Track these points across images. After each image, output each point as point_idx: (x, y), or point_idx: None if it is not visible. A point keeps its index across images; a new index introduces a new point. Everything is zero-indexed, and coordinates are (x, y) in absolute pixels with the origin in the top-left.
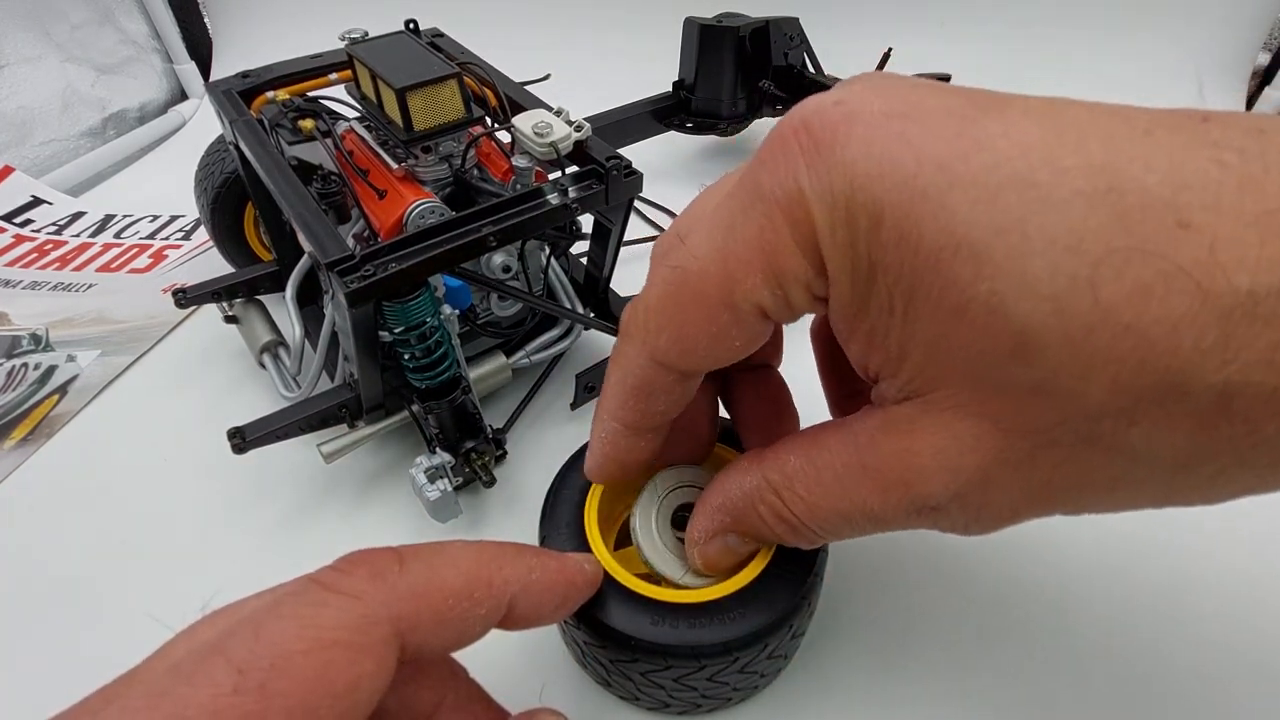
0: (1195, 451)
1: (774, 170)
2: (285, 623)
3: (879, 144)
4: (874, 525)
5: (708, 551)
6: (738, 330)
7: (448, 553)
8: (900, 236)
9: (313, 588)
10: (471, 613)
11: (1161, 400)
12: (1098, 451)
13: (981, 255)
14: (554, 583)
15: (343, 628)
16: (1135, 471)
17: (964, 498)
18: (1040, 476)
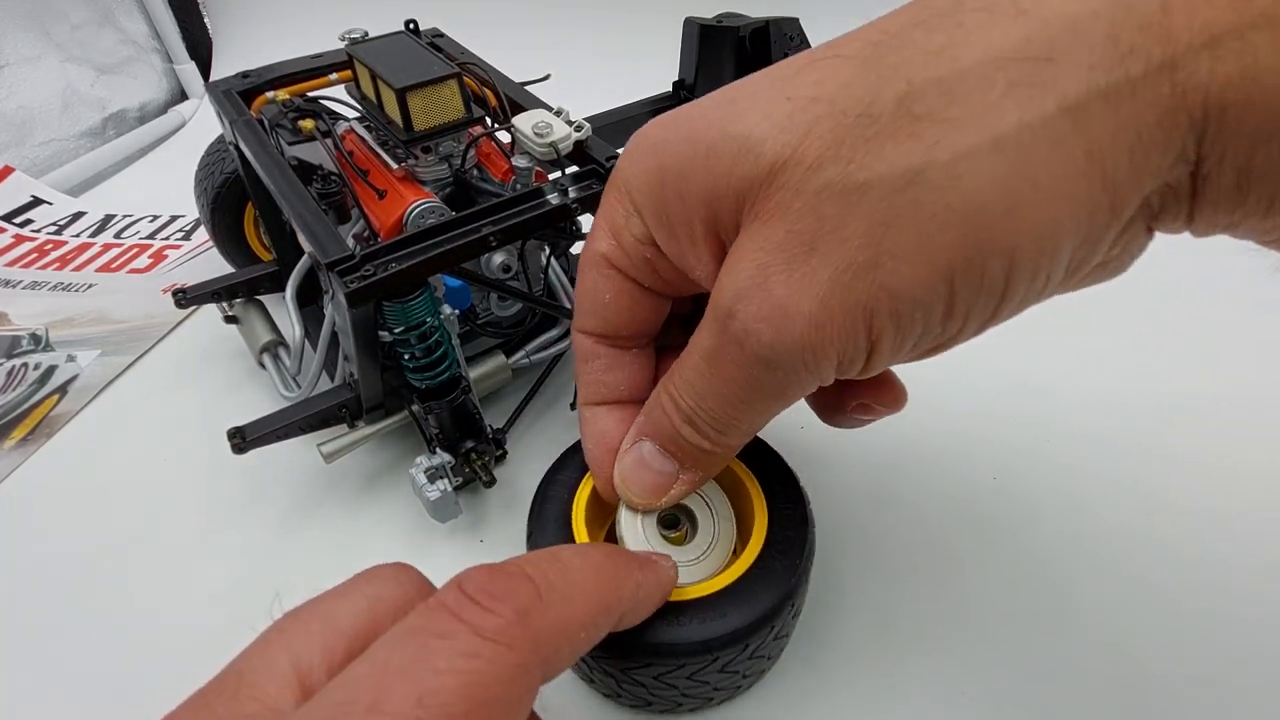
0: (909, 158)
1: (616, 170)
2: (444, 679)
3: (650, 130)
4: (808, 373)
5: (623, 461)
6: (603, 283)
7: (575, 579)
8: (659, 168)
9: (462, 632)
10: (590, 641)
11: (856, 130)
12: (834, 200)
13: (709, 118)
14: (652, 594)
15: (500, 683)
16: (869, 204)
17: (746, 295)
18: (802, 245)
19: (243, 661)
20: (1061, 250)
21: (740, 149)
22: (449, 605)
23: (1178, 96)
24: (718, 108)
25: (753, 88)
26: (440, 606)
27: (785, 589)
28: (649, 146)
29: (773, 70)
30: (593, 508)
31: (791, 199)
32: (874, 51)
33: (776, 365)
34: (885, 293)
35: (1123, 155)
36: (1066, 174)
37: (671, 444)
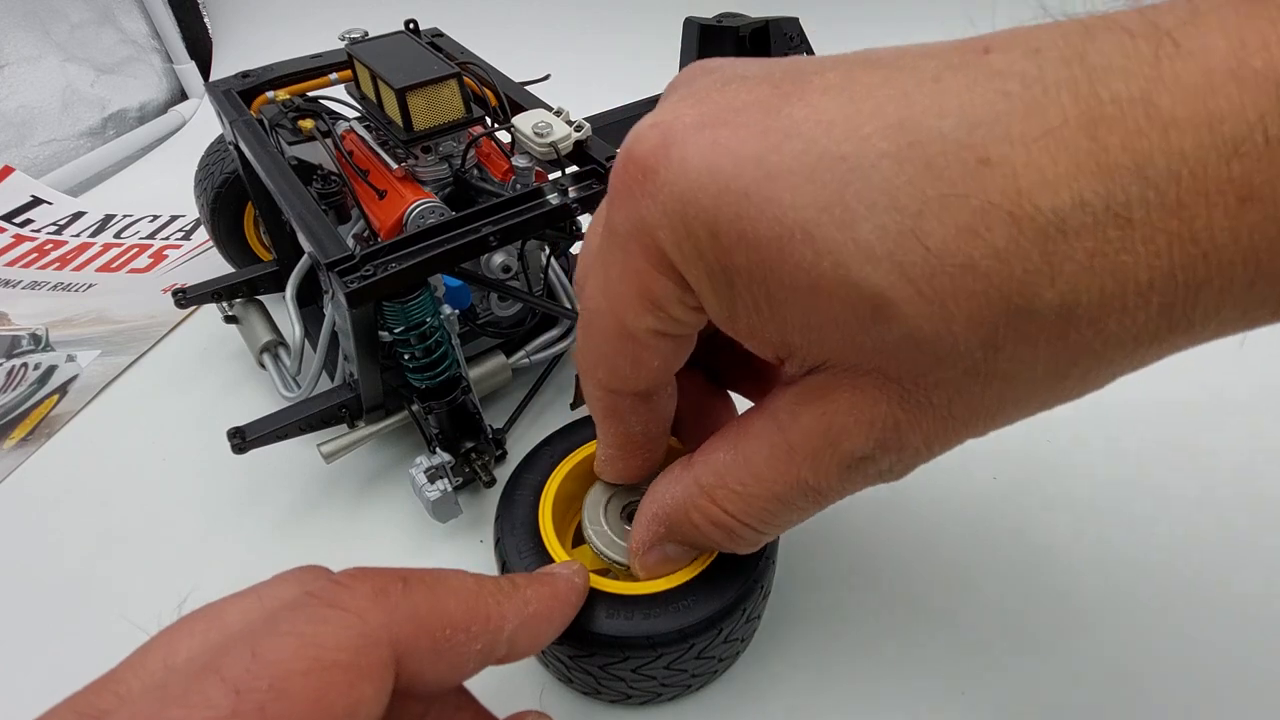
0: (1058, 360)
1: (619, 208)
2: (284, 640)
3: (695, 157)
4: (812, 498)
5: (647, 562)
6: (648, 353)
7: (450, 581)
8: (739, 237)
9: (312, 602)
10: (467, 646)
11: (1014, 324)
12: (978, 381)
13: (815, 234)
14: (550, 610)
15: (343, 648)
16: (1015, 390)
17: (885, 444)
18: (940, 413)
19: (120, 664)
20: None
21: (866, 305)
22: (313, 588)
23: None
24: (810, 182)
25: (867, 174)
26: (307, 592)
27: (754, 572)
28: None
29: (883, 143)
30: (559, 509)
31: (930, 378)
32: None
33: (870, 466)
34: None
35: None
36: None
37: (698, 546)
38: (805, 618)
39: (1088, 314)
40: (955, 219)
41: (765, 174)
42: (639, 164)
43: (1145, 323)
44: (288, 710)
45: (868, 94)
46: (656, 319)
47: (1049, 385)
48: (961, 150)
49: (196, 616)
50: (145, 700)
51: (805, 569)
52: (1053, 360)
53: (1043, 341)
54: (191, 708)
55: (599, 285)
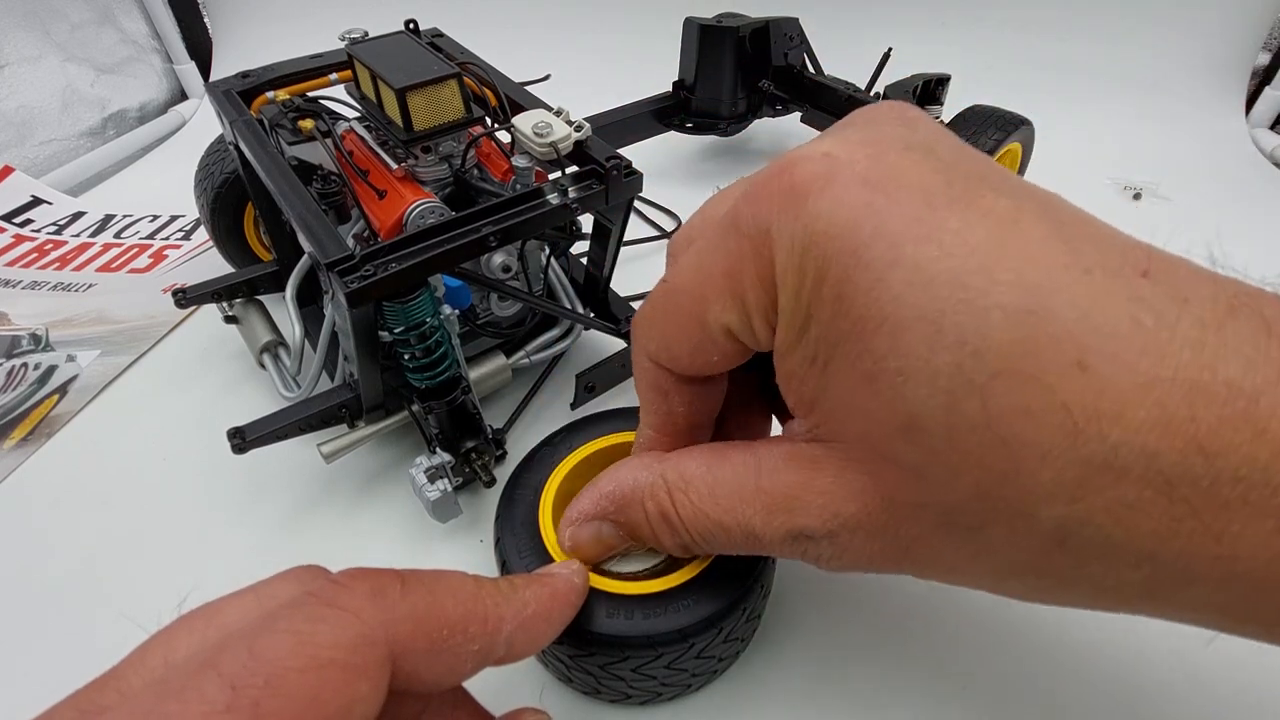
0: (1029, 566)
1: (753, 206)
2: (281, 637)
3: (845, 208)
4: (749, 542)
5: (579, 534)
6: (712, 347)
7: (447, 581)
8: (837, 296)
9: (310, 601)
10: (464, 647)
11: (1011, 515)
12: (950, 540)
13: (900, 334)
14: (549, 610)
15: (340, 646)
16: (976, 565)
17: (835, 537)
18: (901, 543)
19: (122, 661)
20: None
21: (902, 419)
22: (312, 588)
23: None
24: (924, 290)
25: (975, 314)
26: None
27: (754, 572)
28: (822, 237)
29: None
30: (559, 507)
31: (909, 510)
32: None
33: (811, 547)
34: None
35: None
36: None
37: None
38: (805, 618)
39: (1081, 547)
40: (1024, 399)
41: (891, 259)
42: (795, 183)
43: (1125, 583)
44: (282, 706)
45: (1021, 244)
46: (736, 320)
47: (1004, 578)
48: (1068, 345)
49: (196, 615)
50: (144, 696)
51: (805, 568)
52: (1024, 563)
53: (1026, 544)
54: (188, 703)
55: (695, 264)
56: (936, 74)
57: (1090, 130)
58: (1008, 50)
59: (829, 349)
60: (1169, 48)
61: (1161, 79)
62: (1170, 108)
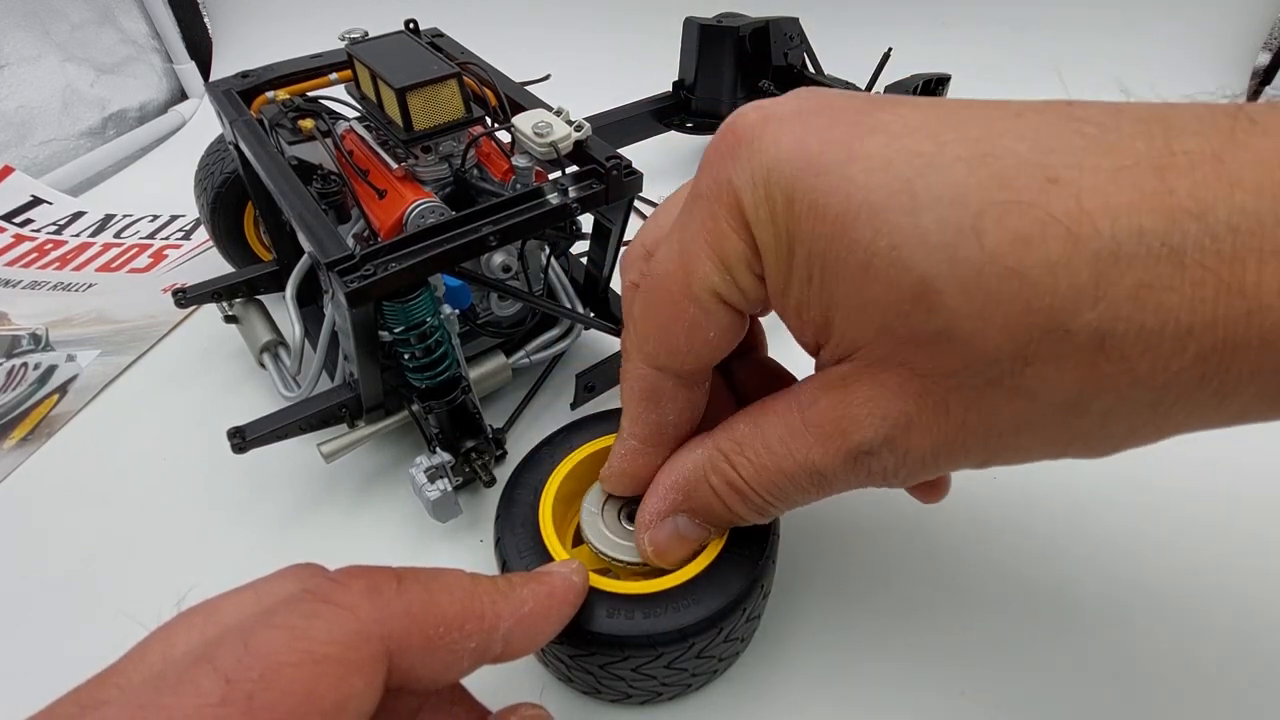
0: (1083, 390)
1: (709, 172)
2: (276, 633)
3: (789, 133)
4: (818, 482)
5: (658, 537)
6: (707, 320)
7: (444, 579)
8: (810, 207)
9: (306, 598)
10: (461, 644)
11: (1048, 339)
12: (1000, 393)
13: (878, 215)
14: (547, 609)
15: (334, 642)
16: (1034, 412)
17: (893, 441)
18: (955, 419)
19: (122, 658)
20: None
21: (911, 290)
22: (309, 585)
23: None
24: (884, 170)
25: (939, 171)
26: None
27: (754, 572)
28: (777, 166)
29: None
30: (559, 509)
31: (953, 380)
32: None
33: (875, 462)
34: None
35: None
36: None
37: (711, 516)
38: (805, 618)
39: (1121, 345)
40: (1014, 225)
41: (846, 155)
42: (737, 135)
43: (1176, 373)
44: (276, 700)
45: (953, 114)
46: (722, 280)
47: (1066, 418)
48: (1032, 167)
49: (195, 611)
50: (142, 690)
51: (805, 569)
52: (1077, 388)
53: (1071, 365)
54: (184, 696)
55: (672, 248)
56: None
57: None
58: (1007, 50)
59: (820, 260)
60: (1169, 48)
61: (1161, 79)
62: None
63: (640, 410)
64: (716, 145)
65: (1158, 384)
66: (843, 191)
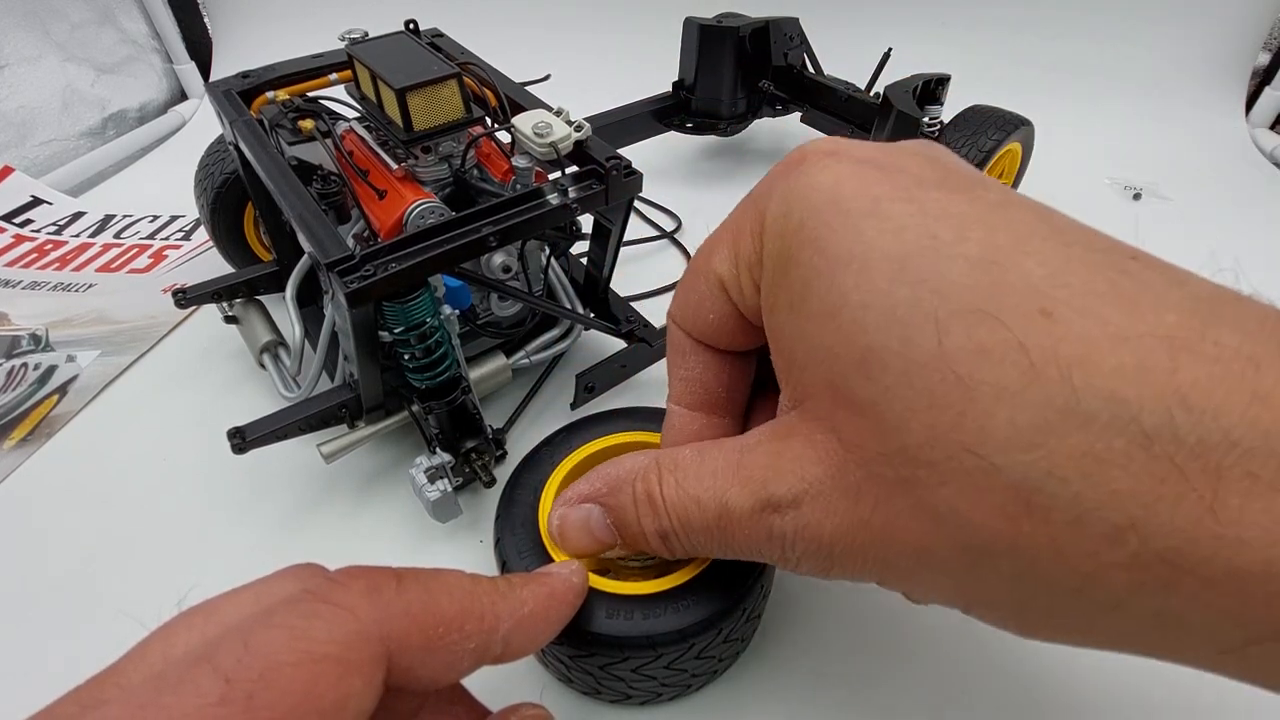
0: (995, 539)
1: (767, 178)
2: (275, 632)
3: (836, 173)
4: (723, 525)
5: (569, 516)
6: (710, 301)
7: (444, 580)
8: (814, 238)
9: (306, 598)
10: (460, 645)
11: (970, 465)
12: (911, 502)
13: (865, 272)
14: (546, 610)
15: (334, 642)
16: (938, 542)
17: (798, 504)
18: (861, 513)
19: (122, 657)
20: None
21: (859, 349)
22: (309, 585)
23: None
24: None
25: (939, 257)
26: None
27: (754, 572)
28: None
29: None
30: None
31: (875, 463)
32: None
33: (778, 519)
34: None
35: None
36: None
37: (625, 532)
38: (805, 618)
39: (1048, 506)
40: (980, 338)
41: (869, 210)
42: (802, 155)
43: (1107, 567)
44: (276, 699)
45: (1001, 220)
46: (728, 270)
47: (971, 566)
48: (1032, 294)
49: (195, 611)
50: (142, 690)
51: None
52: (988, 535)
53: (987, 504)
54: (184, 695)
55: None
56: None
57: (1090, 130)
58: (1008, 50)
59: (804, 288)
60: (1169, 48)
61: (1161, 79)
62: (1170, 108)
63: (672, 359)
64: (786, 159)
65: (1083, 569)
66: (848, 238)
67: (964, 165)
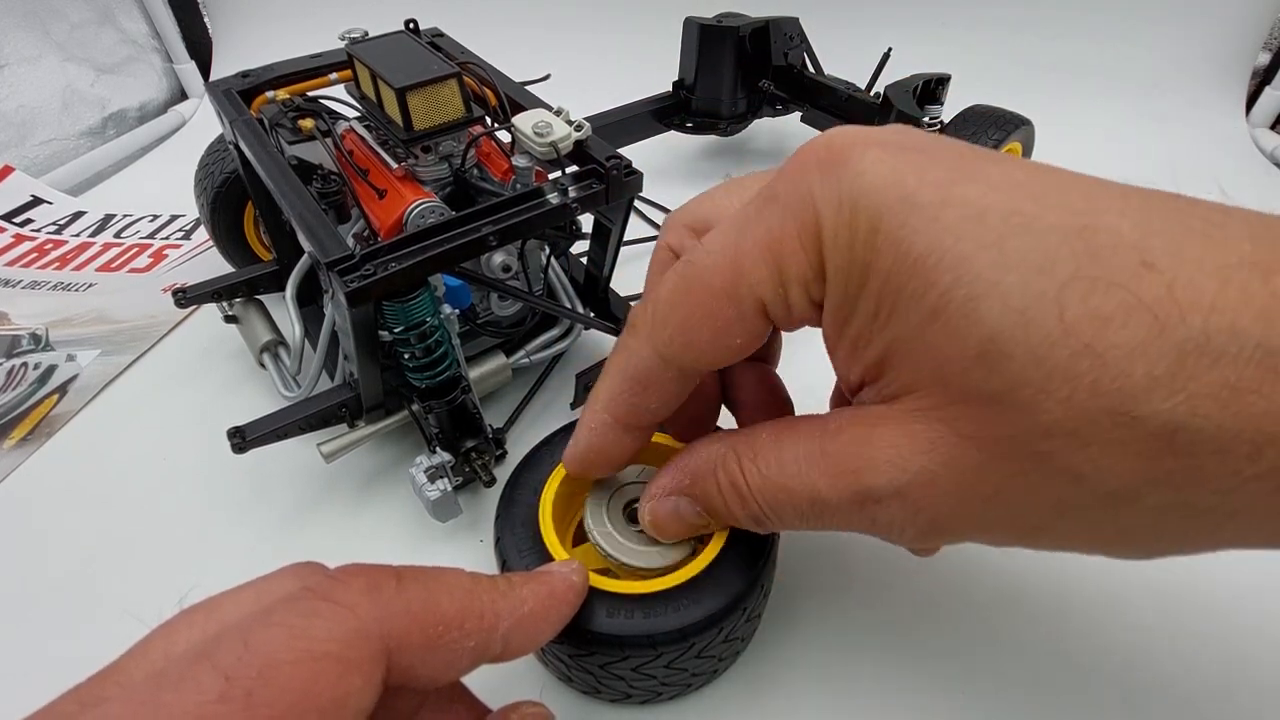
0: (1140, 481)
1: (791, 179)
2: (275, 630)
3: (888, 163)
4: (818, 512)
5: (658, 509)
6: (740, 326)
7: (444, 578)
8: (894, 241)
9: (306, 596)
10: (460, 643)
11: (1112, 424)
12: (1046, 471)
13: (962, 264)
14: (546, 609)
15: (333, 640)
16: (1080, 498)
17: (904, 494)
18: (986, 489)
19: (123, 655)
20: None
21: (977, 343)
22: (309, 583)
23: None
24: (978, 221)
25: (1033, 234)
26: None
27: (754, 572)
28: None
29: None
30: (559, 509)
31: (996, 448)
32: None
33: (881, 511)
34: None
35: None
36: None
37: (710, 508)
38: (805, 618)
39: (1192, 442)
40: (1099, 303)
41: (941, 198)
42: (833, 150)
43: (1247, 479)
44: (275, 697)
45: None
46: (773, 293)
47: (1114, 509)
48: (1129, 248)
49: (196, 610)
50: (143, 687)
51: (805, 569)
52: (1134, 478)
53: (1132, 453)
54: (184, 693)
55: (726, 240)
56: (936, 74)
57: (1090, 130)
58: (1008, 50)
59: (893, 295)
60: (1169, 48)
61: (1161, 79)
62: (1170, 108)
63: (624, 389)
64: (806, 155)
65: (1224, 487)
66: (931, 232)
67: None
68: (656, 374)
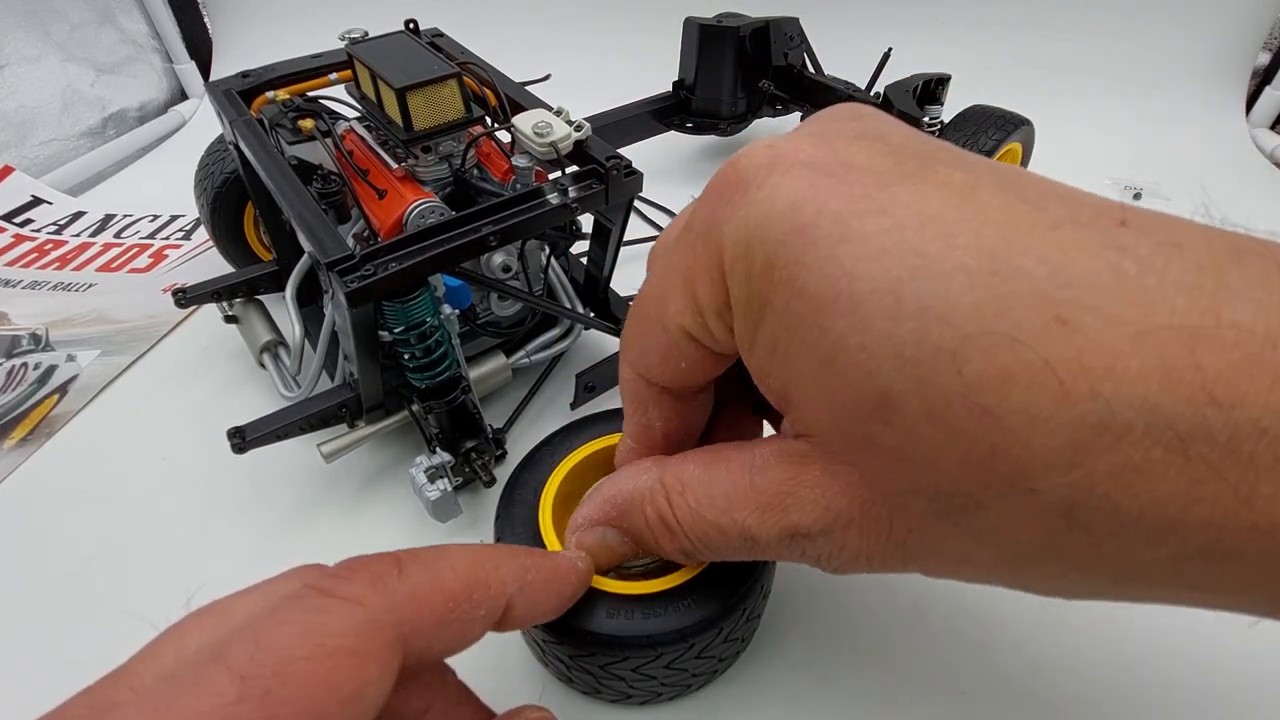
0: (1039, 550)
1: (704, 206)
2: (287, 629)
3: (788, 192)
4: (749, 546)
5: (585, 539)
6: (678, 353)
7: (446, 556)
8: (788, 279)
9: (312, 594)
10: (471, 614)
11: (1008, 491)
12: (947, 527)
13: (856, 309)
14: (549, 581)
15: (346, 634)
16: (982, 553)
17: (830, 534)
18: (896, 537)
19: (133, 658)
20: None
21: (870, 398)
22: (312, 581)
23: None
24: (877, 261)
25: (935, 279)
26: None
27: (754, 572)
28: (766, 223)
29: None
30: (559, 508)
31: (899, 500)
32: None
33: (809, 546)
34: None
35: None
36: None
37: (638, 541)
38: (805, 618)
39: (1090, 520)
40: (1002, 362)
41: (840, 234)
42: (739, 175)
43: (1149, 563)
44: (292, 693)
45: (978, 211)
46: (691, 320)
47: (1016, 566)
48: (1042, 300)
49: (204, 612)
50: (157, 691)
51: (805, 570)
52: (1032, 547)
53: (1030, 524)
54: (200, 696)
55: (658, 270)
56: (936, 74)
57: (1090, 130)
58: (1008, 50)
59: (787, 335)
60: (1169, 48)
61: (1161, 79)
62: (1170, 108)
63: (629, 409)
64: (717, 180)
65: (1125, 567)
66: (826, 273)
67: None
68: (644, 392)
